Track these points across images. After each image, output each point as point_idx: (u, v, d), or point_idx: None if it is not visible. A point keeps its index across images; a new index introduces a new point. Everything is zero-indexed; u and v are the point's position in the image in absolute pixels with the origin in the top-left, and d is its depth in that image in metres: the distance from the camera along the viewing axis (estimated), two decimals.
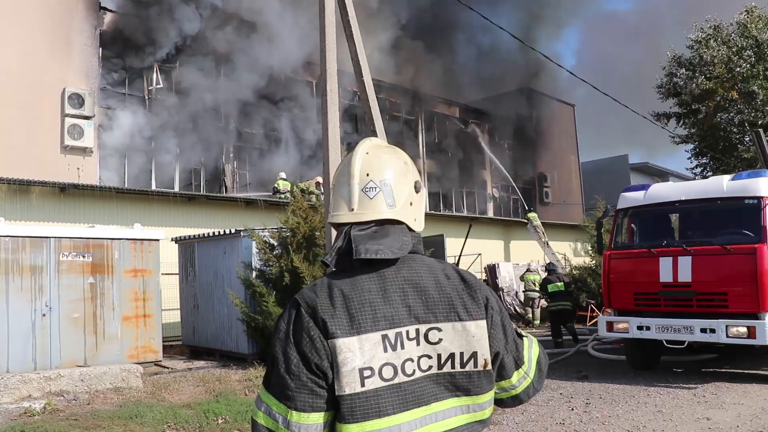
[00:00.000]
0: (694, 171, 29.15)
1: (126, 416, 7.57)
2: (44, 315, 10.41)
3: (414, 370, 1.49)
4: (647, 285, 9.94)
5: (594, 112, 75.86)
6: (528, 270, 20.55)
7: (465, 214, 31.34)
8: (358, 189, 1.59)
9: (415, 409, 1.48)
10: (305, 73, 25.54)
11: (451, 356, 1.52)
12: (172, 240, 14.24)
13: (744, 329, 8.86)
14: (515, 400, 1.74)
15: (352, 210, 1.58)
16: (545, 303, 19.45)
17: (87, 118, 19.08)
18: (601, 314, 15.10)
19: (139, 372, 10.14)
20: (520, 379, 1.71)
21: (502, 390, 1.70)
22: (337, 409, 1.45)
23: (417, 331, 1.51)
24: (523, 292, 20.22)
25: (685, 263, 9.48)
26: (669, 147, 66.30)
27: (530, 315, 19.93)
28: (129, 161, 20.96)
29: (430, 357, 1.50)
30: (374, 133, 11.61)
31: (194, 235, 14.06)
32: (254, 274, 11.62)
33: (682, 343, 9.49)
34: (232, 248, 12.65)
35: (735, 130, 27.33)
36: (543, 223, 28.38)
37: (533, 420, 7.48)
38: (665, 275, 9.65)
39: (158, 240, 12.06)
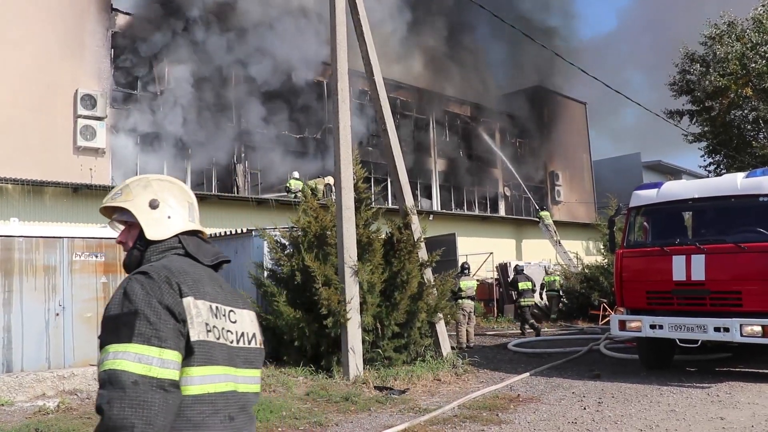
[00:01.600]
0: (707, 169, 28.92)
1: None
2: (57, 314, 10.48)
3: (226, 339, 1.83)
4: (660, 283, 9.87)
5: (608, 109, 75.22)
6: (546, 273, 21.46)
7: (476, 213, 31.28)
8: (196, 209, 2.07)
9: (231, 368, 1.81)
10: (317, 72, 25.56)
11: (244, 334, 1.92)
12: None
13: (758, 328, 8.77)
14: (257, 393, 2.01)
15: (198, 222, 2.05)
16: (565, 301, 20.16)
17: (99, 119, 19.21)
18: (613, 313, 15.06)
19: None
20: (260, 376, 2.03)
21: None
22: (187, 355, 1.71)
23: (224, 309, 1.87)
24: (546, 293, 20.77)
25: (699, 261, 9.40)
26: (682, 145, 65.78)
27: (553, 314, 20.64)
28: (140, 161, 21.06)
29: (231, 332, 1.86)
30: (385, 132, 11.61)
31: None
32: (265, 273, 11.64)
33: (695, 342, 9.41)
34: (244, 248, 12.69)
35: (749, 127, 27.09)
36: (555, 222, 28.29)
37: (545, 419, 7.45)
38: (678, 274, 9.58)
39: None
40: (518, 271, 17.13)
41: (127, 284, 1.76)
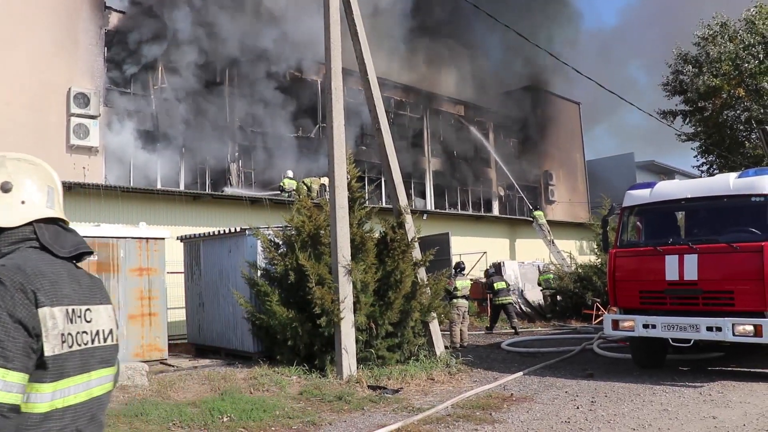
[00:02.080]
0: (700, 169, 29.03)
1: (132, 414, 7.59)
2: None
3: (82, 342, 1.74)
4: (653, 283, 9.90)
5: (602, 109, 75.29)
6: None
7: (470, 212, 31.30)
8: (58, 194, 1.89)
9: (83, 374, 1.73)
10: (311, 71, 25.53)
11: (99, 332, 1.82)
12: (177, 239, 14.26)
13: (750, 327, 8.81)
14: (110, 392, 1.93)
15: (58, 209, 1.87)
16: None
17: (92, 117, 19.15)
18: (606, 312, 15.10)
19: (145, 370, 10.15)
20: (119, 367, 1.97)
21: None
22: (38, 370, 1.61)
23: (80, 310, 1.76)
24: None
25: (691, 261, 9.44)
26: (675, 145, 65.99)
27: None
28: (134, 160, 21.00)
29: (86, 333, 1.76)
30: (379, 131, 11.60)
31: (199, 234, 14.07)
32: (259, 272, 11.62)
33: (688, 341, 9.45)
34: (237, 247, 12.66)
35: (741, 127, 27.20)
36: (548, 222, 28.33)
37: (538, 418, 7.46)
38: (671, 273, 9.61)
39: (164, 239, 12.06)
40: (490, 274, 17.90)
41: None
